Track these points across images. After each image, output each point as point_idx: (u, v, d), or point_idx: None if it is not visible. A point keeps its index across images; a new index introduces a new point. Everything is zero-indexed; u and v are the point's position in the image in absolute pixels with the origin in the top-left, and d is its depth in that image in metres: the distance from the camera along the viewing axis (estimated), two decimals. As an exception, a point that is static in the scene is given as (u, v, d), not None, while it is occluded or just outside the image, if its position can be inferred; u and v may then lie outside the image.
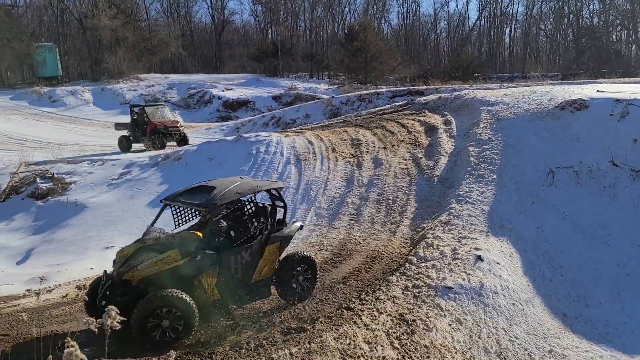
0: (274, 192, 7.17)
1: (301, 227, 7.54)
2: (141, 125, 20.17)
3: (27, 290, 7.76)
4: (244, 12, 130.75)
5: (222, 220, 7.02)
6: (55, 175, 13.64)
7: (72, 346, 2.40)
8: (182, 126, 21.12)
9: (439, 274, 7.22)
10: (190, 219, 7.15)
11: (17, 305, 7.28)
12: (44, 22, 50.74)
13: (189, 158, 13.98)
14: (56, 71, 38.74)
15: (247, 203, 7.44)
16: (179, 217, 7.10)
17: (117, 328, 2.95)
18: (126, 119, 22.07)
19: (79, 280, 8.26)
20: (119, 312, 3.14)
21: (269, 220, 7.19)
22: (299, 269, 6.97)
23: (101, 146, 20.84)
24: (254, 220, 7.30)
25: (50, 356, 3.44)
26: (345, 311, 6.45)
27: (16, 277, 8.88)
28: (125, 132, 20.61)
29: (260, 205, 7.45)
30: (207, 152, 14.09)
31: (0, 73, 40.06)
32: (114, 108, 33.28)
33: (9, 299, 7.57)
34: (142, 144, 20.08)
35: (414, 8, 69.49)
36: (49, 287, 7.89)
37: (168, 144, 19.70)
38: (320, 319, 6.28)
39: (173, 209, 7.00)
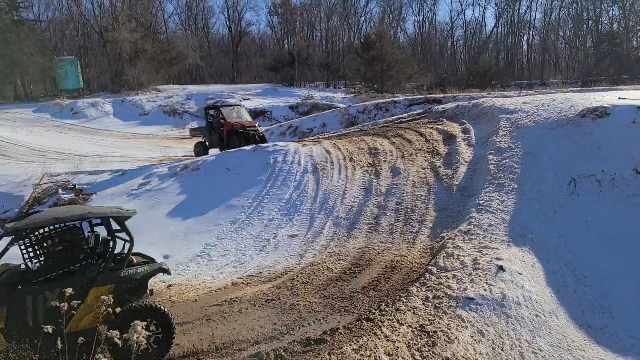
0: (115, 222, 6.03)
1: (163, 270, 6.19)
2: (217, 127, 18.95)
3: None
4: (260, 23, 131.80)
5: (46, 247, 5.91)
6: (77, 186, 13.87)
7: None
8: (260, 126, 19.76)
9: (460, 284, 7.14)
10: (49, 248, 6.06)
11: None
12: (65, 36, 52.09)
13: (207, 168, 14.09)
14: (77, 84, 39.54)
15: (75, 231, 6.18)
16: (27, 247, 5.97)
17: (143, 343, 2.96)
18: (145, 129, 22.04)
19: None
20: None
21: (105, 256, 5.93)
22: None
23: (120, 157, 21.12)
24: (79, 253, 5.95)
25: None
26: (365, 322, 6.41)
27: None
28: (201, 138, 19.88)
29: (105, 238, 6.29)
30: (225, 162, 14.19)
31: (23, 86, 41.04)
32: (133, 119, 33.78)
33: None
34: (217, 149, 18.81)
35: (430, 16, 69.20)
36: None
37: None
38: (340, 330, 6.25)
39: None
